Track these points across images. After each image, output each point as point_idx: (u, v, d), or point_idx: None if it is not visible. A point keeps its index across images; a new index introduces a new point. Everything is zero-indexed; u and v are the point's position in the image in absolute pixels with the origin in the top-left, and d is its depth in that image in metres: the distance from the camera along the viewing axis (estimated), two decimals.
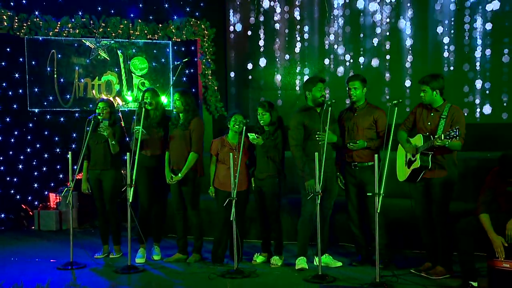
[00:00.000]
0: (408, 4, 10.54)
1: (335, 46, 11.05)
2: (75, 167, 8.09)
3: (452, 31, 10.26)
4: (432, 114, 6.87)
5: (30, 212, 10.32)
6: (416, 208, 7.06)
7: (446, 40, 10.29)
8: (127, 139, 8.40)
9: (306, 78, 11.06)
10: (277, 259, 7.51)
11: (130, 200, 7.29)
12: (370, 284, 6.37)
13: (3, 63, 10.21)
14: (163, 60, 11.24)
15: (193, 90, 11.19)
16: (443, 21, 10.35)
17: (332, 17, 11.03)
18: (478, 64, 10.10)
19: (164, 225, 8.28)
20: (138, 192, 7.77)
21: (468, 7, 10.13)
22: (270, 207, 7.56)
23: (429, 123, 6.85)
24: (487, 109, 9.91)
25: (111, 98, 9.69)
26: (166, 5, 11.10)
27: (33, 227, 10.16)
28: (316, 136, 7.16)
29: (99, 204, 8.11)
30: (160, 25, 10.94)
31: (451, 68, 10.30)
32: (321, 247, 7.15)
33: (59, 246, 8.79)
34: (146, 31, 10.81)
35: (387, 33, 10.72)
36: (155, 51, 11.17)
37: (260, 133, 7.49)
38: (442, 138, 6.42)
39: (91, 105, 10.60)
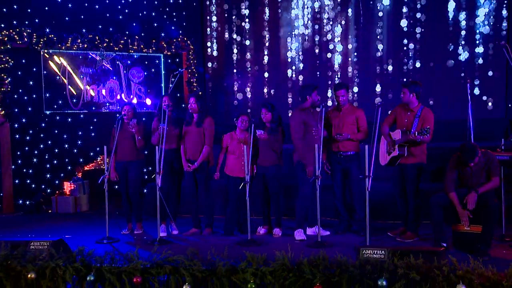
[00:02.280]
0: (355, 27, 10.93)
1: (296, 60, 11.26)
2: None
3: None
4: (408, 113, 7.25)
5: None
6: (394, 186, 7.44)
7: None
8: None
9: (272, 85, 11.35)
10: (278, 230, 7.70)
11: (159, 185, 7.36)
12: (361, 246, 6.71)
13: (19, 73, 10.05)
14: (156, 70, 11.26)
15: (178, 94, 11.17)
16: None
17: (293, 35, 11.24)
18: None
19: (179, 206, 8.31)
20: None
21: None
22: (272, 188, 7.71)
23: (406, 121, 7.21)
24: None
25: (133, 101, 9.78)
26: (155, 24, 11.16)
27: (50, 211, 10.08)
28: (314, 132, 7.45)
29: (125, 189, 8.15)
30: (154, 41, 10.98)
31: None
32: (313, 219, 7.53)
33: (80, 226, 8.83)
34: (142, 46, 10.86)
35: (337, 50, 11.03)
36: (148, 62, 11.16)
37: (265, 130, 7.63)
38: (416, 134, 6.95)
39: (93, 108, 10.66)
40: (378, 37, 10.76)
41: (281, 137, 7.81)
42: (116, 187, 9.58)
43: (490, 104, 10.21)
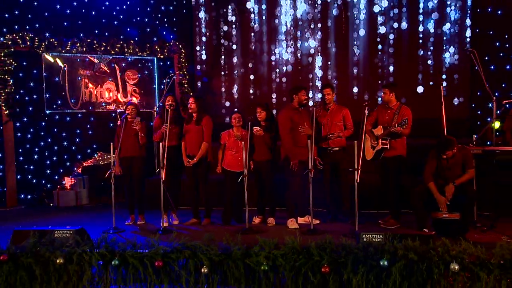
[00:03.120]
0: (334, 33, 11.11)
1: (279, 63, 11.35)
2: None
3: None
4: (388, 111, 7.54)
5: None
6: (380, 178, 7.71)
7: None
8: None
9: (257, 87, 11.43)
10: (272, 220, 7.85)
11: (163, 179, 7.43)
12: (351, 232, 6.69)
13: (20, 74, 10.05)
14: (149, 72, 11.29)
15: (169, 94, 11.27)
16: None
17: (277, 40, 11.36)
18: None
19: (179, 198, 8.37)
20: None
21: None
22: (266, 181, 7.86)
23: (386, 118, 7.50)
24: None
25: (137, 101, 9.82)
26: (148, 29, 11.24)
27: (51, 204, 10.10)
28: (300, 129, 7.59)
29: (128, 183, 8.20)
30: (148, 45, 11.03)
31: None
32: (303, 210, 7.76)
33: (82, 217, 8.86)
34: (136, 50, 10.91)
35: (317, 54, 11.17)
36: (142, 65, 11.19)
37: (261, 127, 7.76)
38: (396, 126, 7.23)
39: (90, 107, 10.68)
40: (355, 42, 10.95)
41: (275, 133, 7.91)
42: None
43: (456, 104, 10.54)
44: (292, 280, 5.03)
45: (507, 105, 7.75)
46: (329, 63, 11.10)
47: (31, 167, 10.33)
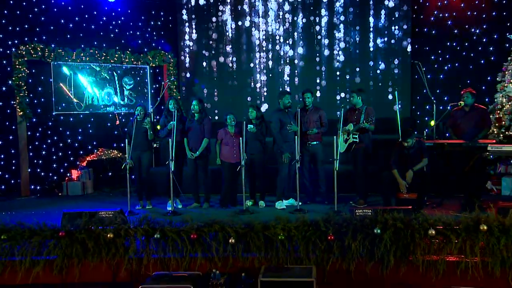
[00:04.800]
0: (301, 42, 11.42)
1: (254, 71, 11.51)
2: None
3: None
4: (356, 112, 8.16)
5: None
6: (353, 166, 8.30)
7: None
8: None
9: (235, 92, 11.56)
10: (262, 202, 8.30)
11: (172, 169, 7.75)
12: (333, 211, 7.14)
13: (30, 80, 10.07)
14: (143, 78, 11.43)
15: (158, 98, 11.22)
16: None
17: (253, 51, 11.47)
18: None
19: (182, 186, 8.58)
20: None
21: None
22: (258, 171, 8.31)
23: (355, 117, 8.10)
24: None
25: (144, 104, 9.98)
26: (140, 41, 11.38)
27: (60, 194, 10.21)
28: (287, 127, 8.13)
29: (138, 174, 8.45)
30: (141, 55, 11.18)
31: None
32: (288, 194, 8.29)
33: (90, 204, 8.92)
34: (132, 59, 11.05)
35: (286, 63, 11.49)
36: (136, 72, 11.30)
37: (254, 125, 8.22)
38: (365, 122, 7.89)
39: (90, 109, 10.80)
40: (318, 54, 11.37)
41: (265, 130, 8.35)
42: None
43: (400, 106, 11.24)
44: (303, 247, 5.56)
45: (449, 107, 8.48)
46: (296, 71, 11.43)
47: (40, 161, 10.37)
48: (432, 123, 8.72)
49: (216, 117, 11.34)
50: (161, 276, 5.45)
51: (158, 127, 8.67)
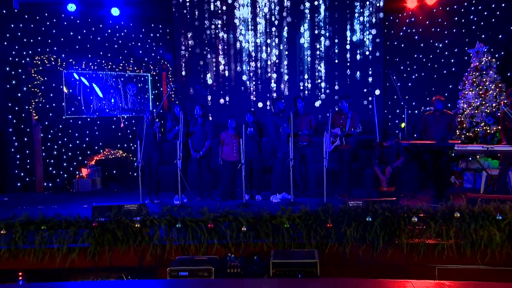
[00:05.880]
0: (286, 52, 11.81)
1: (243, 78, 11.81)
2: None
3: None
4: (342, 116, 8.55)
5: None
6: (339, 164, 8.67)
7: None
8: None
9: (225, 97, 11.84)
10: (259, 196, 8.62)
11: (180, 167, 8.01)
12: (320, 204, 7.19)
13: (42, 87, 10.28)
14: (144, 85, 11.60)
15: (157, 103, 11.62)
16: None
17: (242, 61, 11.77)
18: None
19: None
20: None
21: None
22: (255, 168, 8.65)
23: (341, 122, 8.50)
24: None
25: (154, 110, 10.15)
26: (141, 51, 11.58)
27: (72, 190, 10.44)
28: (281, 129, 8.47)
29: (148, 171, 8.69)
30: (143, 64, 11.40)
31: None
32: (281, 189, 8.60)
33: (100, 199, 9.11)
34: (135, 68, 11.25)
35: (273, 71, 11.85)
36: (138, 80, 11.47)
37: (253, 128, 8.51)
38: (352, 129, 8.34)
39: (97, 113, 10.96)
40: (301, 63, 11.77)
41: (261, 132, 8.71)
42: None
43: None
44: (306, 234, 5.99)
45: (420, 112, 9.05)
46: (282, 78, 11.82)
47: (52, 160, 10.55)
48: (403, 125, 9.26)
49: (210, 118, 11.61)
50: (185, 259, 5.82)
51: (162, 129, 8.94)
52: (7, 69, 10.25)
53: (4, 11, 10.20)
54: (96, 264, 6.05)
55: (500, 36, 10.08)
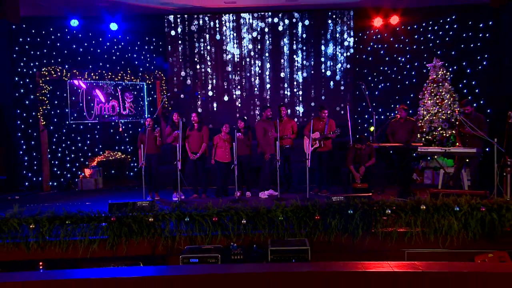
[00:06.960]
0: (268, 64, 12.23)
1: (230, 87, 12.15)
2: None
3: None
4: (321, 122, 9.00)
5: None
6: (318, 164, 9.09)
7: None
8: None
9: (212, 104, 12.20)
10: (249, 193, 9.05)
11: (180, 168, 8.39)
12: (304, 199, 7.90)
13: (48, 95, 10.47)
14: (140, 93, 11.87)
15: (151, 109, 12.02)
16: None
17: (229, 71, 12.13)
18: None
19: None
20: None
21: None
22: (245, 168, 9.01)
23: (320, 127, 8.95)
24: None
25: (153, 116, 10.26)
26: (137, 62, 11.87)
27: (76, 189, 10.65)
28: (269, 133, 8.91)
29: (148, 171, 8.94)
30: (139, 73, 11.67)
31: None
32: (269, 186, 9.05)
33: (104, 197, 9.21)
34: (132, 77, 11.52)
35: (256, 82, 12.18)
36: (135, 88, 11.69)
37: (242, 133, 8.92)
38: (331, 133, 8.92)
39: (98, 119, 11.24)
40: (282, 75, 12.27)
41: (250, 137, 9.10)
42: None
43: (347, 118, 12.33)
44: (297, 225, 6.47)
45: (388, 118, 9.66)
46: (266, 87, 12.25)
47: (56, 162, 10.76)
48: (372, 129, 9.86)
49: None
50: (194, 248, 6.25)
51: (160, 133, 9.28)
52: (16, 79, 10.45)
53: (14, 27, 10.37)
54: (114, 254, 6.38)
55: (453, 53, 10.79)
